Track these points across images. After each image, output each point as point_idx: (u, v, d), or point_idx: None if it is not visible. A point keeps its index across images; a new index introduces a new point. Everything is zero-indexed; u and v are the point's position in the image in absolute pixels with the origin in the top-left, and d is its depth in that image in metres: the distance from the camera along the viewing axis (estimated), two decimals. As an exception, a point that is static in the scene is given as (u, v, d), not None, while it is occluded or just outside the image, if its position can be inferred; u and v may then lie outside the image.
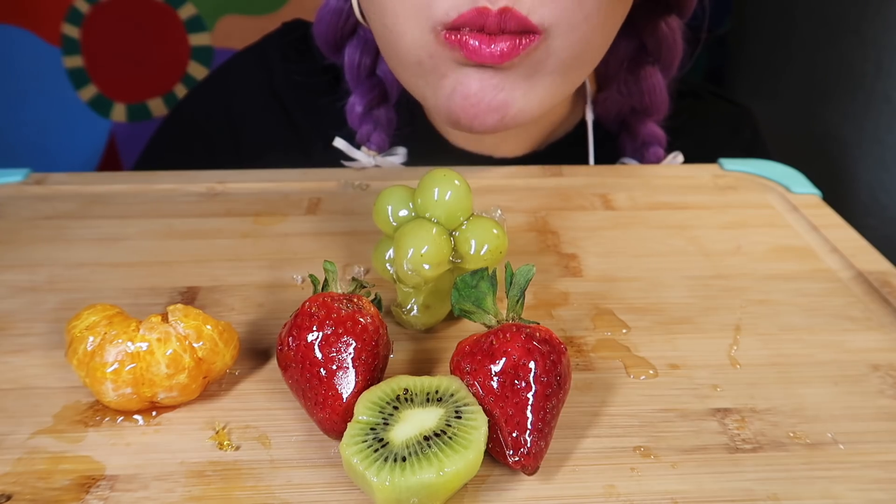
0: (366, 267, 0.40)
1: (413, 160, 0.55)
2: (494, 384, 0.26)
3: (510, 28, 0.40)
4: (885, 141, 0.74)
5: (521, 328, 0.27)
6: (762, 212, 0.47)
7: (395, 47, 0.44)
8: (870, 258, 0.41)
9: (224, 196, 0.48)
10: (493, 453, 0.27)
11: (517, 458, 0.26)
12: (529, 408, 0.26)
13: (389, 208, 0.34)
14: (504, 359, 0.26)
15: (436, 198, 0.33)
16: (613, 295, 0.38)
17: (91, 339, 0.28)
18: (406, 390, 0.27)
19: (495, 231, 0.33)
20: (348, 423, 0.26)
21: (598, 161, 0.57)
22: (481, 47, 0.40)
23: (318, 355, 0.28)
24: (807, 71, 0.87)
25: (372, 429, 0.25)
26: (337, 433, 0.27)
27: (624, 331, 0.35)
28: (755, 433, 0.29)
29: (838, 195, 0.68)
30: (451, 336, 0.34)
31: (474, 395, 0.27)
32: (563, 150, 0.58)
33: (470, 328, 0.34)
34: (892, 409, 0.30)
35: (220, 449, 0.28)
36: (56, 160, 1.01)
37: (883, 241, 0.47)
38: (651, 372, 0.32)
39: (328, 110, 0.57)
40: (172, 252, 0.41)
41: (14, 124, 0.99)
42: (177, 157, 0.58)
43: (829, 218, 0.45)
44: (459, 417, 0.26)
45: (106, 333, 0.28)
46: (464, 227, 0.33)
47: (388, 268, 0.34)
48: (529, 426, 0.26)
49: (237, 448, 0.28)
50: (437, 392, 0.27)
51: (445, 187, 0.33)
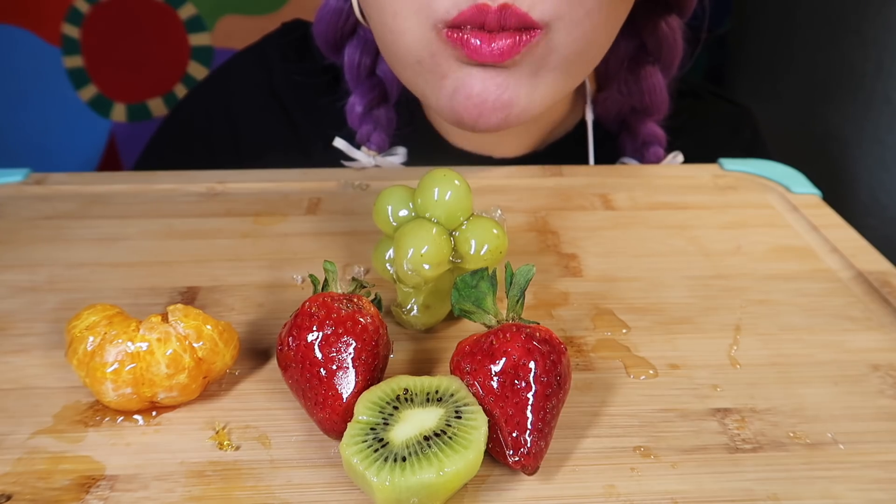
0: (366, 267, 0.40)
1: (413, 160, 0.55)
2: (494, 384, 0.26)
3: (510, 24, 0.40)
4: (885, 141, 0.74)
5: (521, 328, 0.27)
6: (762, 212, 0.47)
7: (395, 46, 0.44)
8: (870, 258, 0.41)
9: (224, 196, 0.48)
10: (493, 453, 0.27)
11: (517, 458, 0.26)
12: (529, 408, 0.26)
13: (389, 208, 0.34)
14: (504, 359, 0.26)
15: (436, 198, 0.33)
16: (613, 295, 0.38)
17: (91, 339, 0.28)
18: (406, 390, 0.27)
19: (495, 231, 0.33)
20: (348, 423, 0.26)
21: (598, 161, 0.57)
22: (482, 46, 0.40)
23: (318, 355, 0.28)
24: (807, 71, 0.87)
25: (372, 429, 0.25)
26: (337, 433, 0.27)
27: (624, 331, 0.35)
28: (755, 433, 0.29)
29: (838, 195, 0.68)
30: (451, 336, 0.34)
31: (474, 395, 0.27)
32: (563, 150, 0.58)
33: (470, 328, 0.34)
34: (892, 409, 0.30)
35: (220, 449, 0.28)
36: (56, 160, 1.01)
37: (883, 241, 0.47)
38: (651, 372, 0.32)
39: (328, 110, 0.57)
40: (172, 252, 0.41)
41: (14, 124, 0.99)
42: (177, 157, 0.58)
43: (829, 218, 0.45)
44: (459, 417, 0.26)
45: (106, 333, 0.28)
46: (464, 227, 0.33)
47: (388, 268, 0.34)
48: (529, 426, 0.26)
49: (237, 448, 0.28)
50: (437, 392, 0.27)
51: (445, 187, 0.33)
